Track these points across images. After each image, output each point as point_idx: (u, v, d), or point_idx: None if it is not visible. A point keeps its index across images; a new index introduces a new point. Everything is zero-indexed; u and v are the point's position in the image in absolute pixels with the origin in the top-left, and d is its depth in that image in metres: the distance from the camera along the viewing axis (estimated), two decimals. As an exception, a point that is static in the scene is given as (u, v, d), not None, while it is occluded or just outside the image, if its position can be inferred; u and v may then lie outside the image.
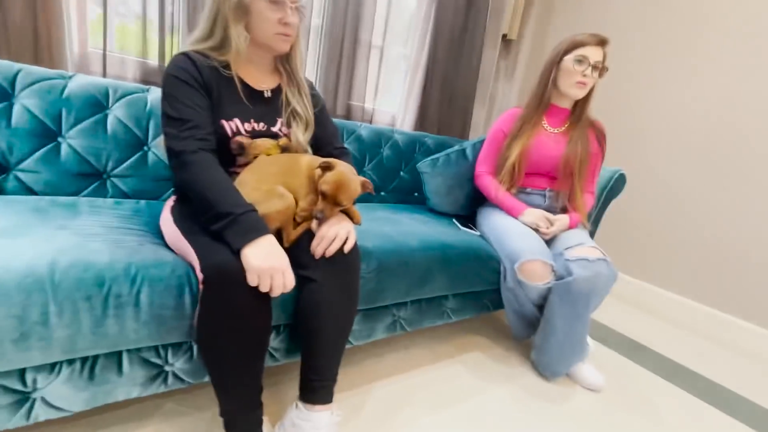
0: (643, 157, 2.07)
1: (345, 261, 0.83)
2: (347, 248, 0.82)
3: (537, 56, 2.55)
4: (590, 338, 1.34)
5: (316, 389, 0.81)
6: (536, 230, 1.32)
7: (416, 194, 1.82)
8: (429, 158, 1.62)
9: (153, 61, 1.45)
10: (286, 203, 0.82)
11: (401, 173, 1.78)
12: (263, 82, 0.96)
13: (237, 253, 0.69)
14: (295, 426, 0.79)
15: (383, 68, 2.03)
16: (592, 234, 1.59)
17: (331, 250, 0.80)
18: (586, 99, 1.39)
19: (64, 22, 1.25)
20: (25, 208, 0.87)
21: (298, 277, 0.83)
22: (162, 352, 0.75)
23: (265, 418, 0.79)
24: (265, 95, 0.96)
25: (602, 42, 1.30)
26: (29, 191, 1.04)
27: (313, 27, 1.76)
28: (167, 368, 0.77)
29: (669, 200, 1.99)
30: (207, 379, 0.82)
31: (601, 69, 1.32)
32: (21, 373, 0.63)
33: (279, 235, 0.86)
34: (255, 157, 0.91)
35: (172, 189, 1.20)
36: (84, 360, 0.68)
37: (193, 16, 1.43)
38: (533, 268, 1.19)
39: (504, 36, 2.34)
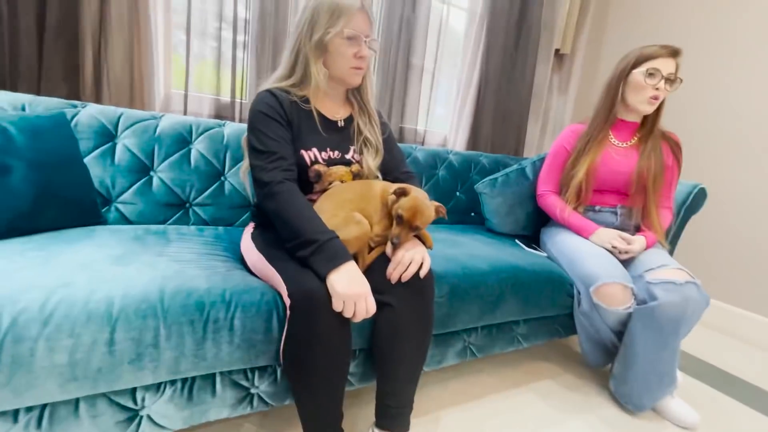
0: (724, 168, 1.91)
1: (420, 286, 0.83)
2: (423, 273, 0.82)
3: (591, 70, 2.47)
4: (679, 371, 1.23)
5: (394, 416, 0.81)
6: (610, 251, 1.25)
7: (473, 214, 1.80)
8: (487, 179, 1.60)
9: (226, 97, 1.58)
10: (362, 229, 0.84)
11: (457, 193, 1.77)
12: (337, 112, 1.01)
13: (323, 280, 0.71)
14: None
15: (434, 90, 2.06)
16: (670, 254, 1.47)
17: (407, 275, 0.81)
18: (658, 110, 1.31)
19: (153, 69, 1.40)
20: (127, 237, 0.96)
21: (375, 302, 0.85)
22: (250, 375, 0.78)
23: None
24: (339, 125, 1.01)
25: (675, 53, 1.24)
26: (126, 221, 1.15)
27: (368, 56, 1.83)
28: (253, 390, 0.79)
29: (755, 215, 1.80)
30: (288, 402, 0.84)
31: (674, 81, 1.25)
32: (132, 392, 0.68)
33: (354, 260, 0.88)
34: (330, 184, 0.95)
35: (249, 215, 1.27)
36: (184, 381, 0.72)
37: (260, 59, 1.55)
38: (612, 291, 1.12)
39: (557, 50, 2.30)
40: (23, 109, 1.05)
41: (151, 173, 1.18)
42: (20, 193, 0.89)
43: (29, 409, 0.61)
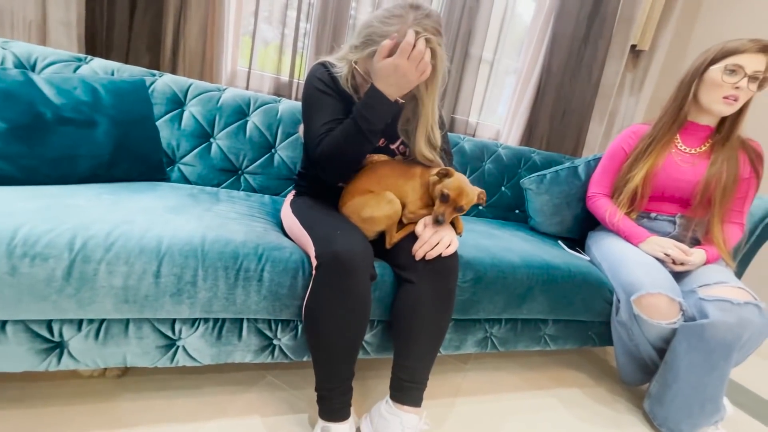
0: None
1: (444, 266, 0.83)
2: (447, 253, 0.83)
3: (672, 68, 2.24)
4: (726, 399, 1.11)
5: (406, 389, 0.83)
6: (662, 262, 1.15)
7: (517, 211, 1.74)
8: (535, 174, 1.54)
9: (285, 77, 1.67)
10: (393, 209, 0.87)
11: (503, 188, 1.72)
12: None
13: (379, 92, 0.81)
14: (383, 418, 0.81)
15: (491, 82, 2.00)
16: (738, 275, 1.32)
17: (432, 254, 0.82)
18: (739, 114, 1.18)
19: (223, 47, 1.52)
20: (184, 194, 1.07)
21: (396, 277, 0.87)
22: (273, 326, 0.85)
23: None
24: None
25: (765, 48, 1.10)
26: (186, 180, 1.27)
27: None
28: (275, 342, 0.86)
29: None
30: (306, 358, 0.90)
31: (762, 80, 1.11)
32: (172, 323, 0.77)
33: (382, 237, 0.91)
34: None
35: (292, 186, 1.35)
36: (215, 321, 0.80)
37: (320, 42, 1.62)
38: (656, 302, 1.04)
39: (633, 46, 2.13)
40: (112, 74, 1.19)
41: (211, 140, 1.29)
42: (102, 145, 1.03)
43: (90, 321, 0.72)
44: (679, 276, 1.15)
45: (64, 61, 1.12)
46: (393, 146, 1.00)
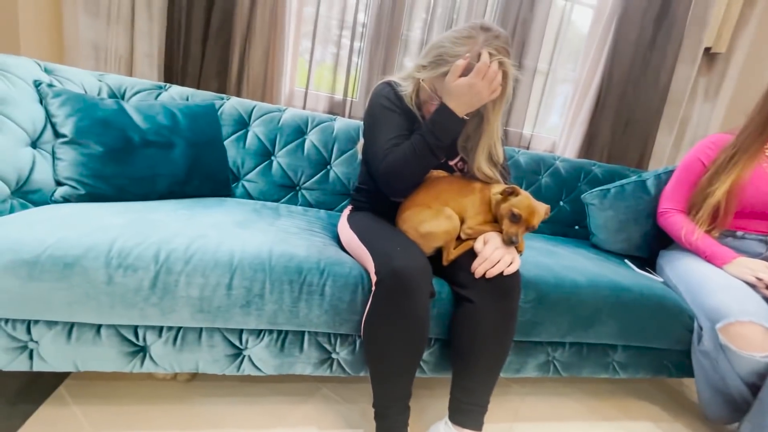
0: None
1: (505, 286, 0.81)
2: (509, 272, 0.80)
3: (754, 72, 2.04)
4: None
5: (466, 412, 0.80)
6: (752, 287, 1.03)
7: (577, 227, 1.65)
8: (598, 189, 1.46)
9: (339, 95, 1.73)
10: (452, 224, 0.86)
11: (561, 203, 1.64)
12: None
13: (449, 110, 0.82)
14: None
15: (546, 93, 1.94)
16: None
17: (493, 272, 0.79)
18: None
19: (283, 69, 1.61)
20: (248, 209, 1.13)
21: (455, 296, 0.85)
22: (333, 340, 0.86)
23: None
24: None
25: None
26: (249, 196, 1.34)
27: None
28: (334, 355, 0.87)
29: None
30: (363, 374, 0.90)
31: None
32: (240, 333, 0.81)
33: (439, 254, 0.90)
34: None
35: (348, 200, 1.38)
36: (279, 333, 0.83)
37: (373, 61, 1.66)
38: (747, 332, 0.92)
39: (707, 49, 1.96)
40: (187, 99, 1.30)
41: (272, 158, 1.36)
42: (179, 165, 1.12)
43: (170, 329, 0.77)
44: (774, 303, 1.02)
45: (147, 89, 1.25)
46: (452, 163, 0.99)
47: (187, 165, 1.14)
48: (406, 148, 0.86)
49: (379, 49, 1.67)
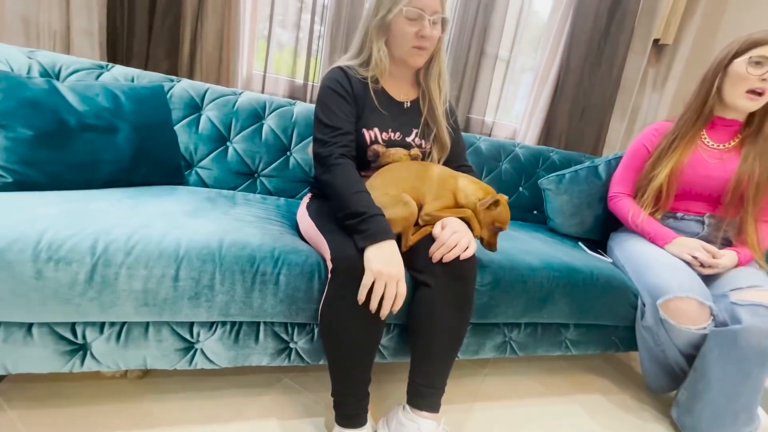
0: None
1: (461, 269, 0.82)
2: (465, 256, 0.81)
3: (698, 63, 2.16)
4: (761, 409, 1.06)
5: (424, 395, 0.81)
6: (689, 264, 1.11)
7: (535, 212, 1.70)
8: (554, 174, 1.50)
9: (299, 80, 1.68)
10: (409, 210, 0.86)
11: (520, 189, 1.69)
12: (404, 94, 1.03)
13: (361, 252, 0.74)
14: (401, 425, 0.80)
15: (507, 81, 1.97)
16: (771, 278, 1.26)
17: (450, 257, 0.80)
18: (769, 108, 1.12)
19: (239, 51, 1.54)
20: (201, 197, 1.08)
21: (413, 280, 0.85)
22: (290, 329, 0.85)
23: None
24: (405, 106, 1.02)
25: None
26: (203, 184, 1.28)
27: (440, 43, 1.81)
28: (292, 345, 0.86)
29: None
30: (322, 362, 0.89)
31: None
32: (190, 326, 0.78)
33: (398, 240, 0.90)
34: (386, 165, 0.97)
35: (308, 188, 1.35)
36: (233, 324, 0.80)
37: (334, 44, 1.62)
38: (684, 307, 0.99)
39: (656, 41, 2.06)
40: (132, 80, 1.21)
41: (228, 143, 1.30)
42: (123, 150, 1.05)
43: (112, 324, 0.73)
44: (709, 279, 1.10)
45: (86, 69, 1.15)
46: (409, 139, 1.00)
47: (132, 150, 1.06)
48: (341, 185, 0.84)
49: (341, 32, 1.62)
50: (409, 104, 1.03)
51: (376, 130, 0.97)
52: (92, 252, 0.67)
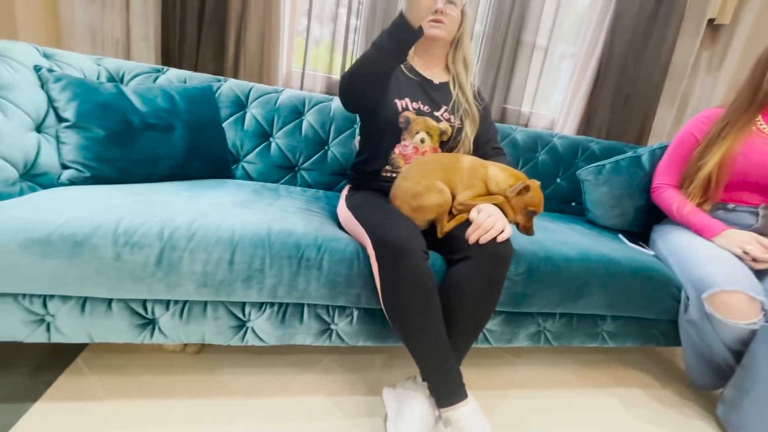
0: None
1: (497, 251, 0.83)
2: (501, 239, 0.83)
3: (758, 44, 1.99)
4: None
5: None
6: (740, 257, 1.06)
7: (573, 204, 1.67)
8: (593, 165, 1.47)
9: (336, 75, 1.73)
10: (444, 197, 0.89)
11: (558, 180, 1.66)
12: (434, 74, 1.12)
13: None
14: (407, 389, 0.83)
15: (545, 70, 1.92)
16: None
17: (486, 238, 0.82)
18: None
19: (279, 50, 1.61)
20: (248, 190, 1.16)
21: (448, 262, 0.89)
22: (331, 311, 0.91)
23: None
24: (434, 83, 1.10)
25: None
26: (248, 177, 1.37)
27: (474, 34, 1.80)
28: (333, 326, 0.92)
29: None
30: (361, 343, 0.95)
31: None
32: (243, 306, 0.85)
33: (433, 227, 0.93)
34: (417, 133, 1.03)
35: (345, 181, 1.41)
36: (280, 305, 0.87)
37: (369, 40, 1.65)
38: (732, 301, 0.96)
39: (711, 21, 1.93)
40: (185, 81, 1.32)
41: (270, 139, 1.38)
42: (179, 147, 1.15)
43: (176, 302, 0.82)
44: (761, 272, 1.05)
45: (145, 72, 1.26)
46: (437, 113, 1.06)
47: (186, 147, 1.16)
48: (362, 55, 0.93)
49: (376, 27, 1.65)
50: (438, 83, 1.11)
51: (407, 99, 1.04)
52: (160, 237, 0.75)
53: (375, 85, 0.96)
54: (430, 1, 0.83)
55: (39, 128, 0.96)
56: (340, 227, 0.98)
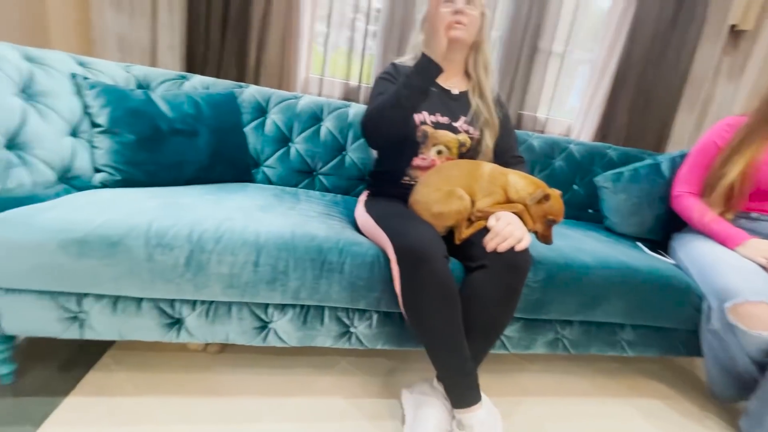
0: None
1: (515, 260, 0.83)
2: (519, 248, 0.83)
3: (782, 48, 1.96)
4: None
5: None
6: (764, 267, 1.04)
7: (590, 211, 1.66)
8: (611, 172, 1.46)
9: (354, 82, 1.76)
10: (463, 204, 0.90)
11: (575, 187, 1.65)
12: (453, 83, 1.11)
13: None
14: (425, 394, 0.85)
15: (561, 75, 1.92)
16: None
17: (504, 247, 0.82)
18: None
19: (298, 57, 1.65)
20: (269, 194, 1.19)
21: (466, 269, 0.89)
22: (351, 314, 0.92)
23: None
24: (453, 93, 1.10)
25: None
26: (269, 181, 1.40)
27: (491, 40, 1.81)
28: (352, 329, 0.93)
29: None
30: (379, 346, 0.96)
31: None
32: (266, 307, 0.88)
33: (451, 233, 0.94)
34: (434, 146, 1.04)
35: (364, 186, 1.43)
36: (302, 307, 0.90)
37: (387, 47, 1.68)
38: (757, 312, 0.94)
39: (733, 26, 1.90)
40: (208, 88, 1.36)
41: (290, 144, 1.41)
42: (203, 152, 1.18)
43: (202, 302, 0.85)
44: (786, 284, 1.03)
45: (172, 79, 1.31)
46: (456, 124, 1.06)
47: (210, 152, 1.20)
48: (386, 96, 0.94)
49: (393, 34, 1.68)
50: (457, 93, 1.10)
51: (425, 113, 1.04)
52: (189, 239, 0.78)
53: (406, 119, 0.98)
54: (445, 40, 0.88)
55: (74, 133, 1.00)
56: (359, 231, 1.00)
